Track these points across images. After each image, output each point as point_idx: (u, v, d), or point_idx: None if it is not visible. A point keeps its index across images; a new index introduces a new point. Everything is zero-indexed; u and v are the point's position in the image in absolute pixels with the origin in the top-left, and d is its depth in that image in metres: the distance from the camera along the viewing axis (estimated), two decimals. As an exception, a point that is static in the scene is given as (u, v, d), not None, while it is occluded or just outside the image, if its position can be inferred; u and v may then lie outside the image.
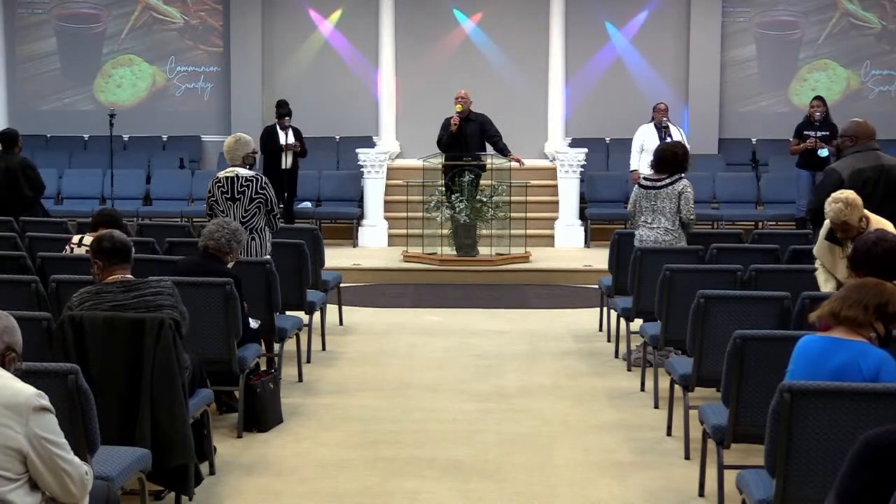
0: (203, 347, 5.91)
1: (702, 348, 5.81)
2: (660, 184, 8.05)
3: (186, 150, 16.14)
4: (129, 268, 5.16)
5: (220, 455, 5.70)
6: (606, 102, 16.10)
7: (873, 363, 3.99)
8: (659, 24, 16.21)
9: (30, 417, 3.26)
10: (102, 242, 5.12)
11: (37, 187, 10.41)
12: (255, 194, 7.52)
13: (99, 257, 5.10)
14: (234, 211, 7.47)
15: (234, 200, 7.52)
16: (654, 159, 8.24)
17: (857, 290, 4.07)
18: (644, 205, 8.08)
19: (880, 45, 16.33)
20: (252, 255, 7.39)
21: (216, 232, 6.40)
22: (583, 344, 8.76)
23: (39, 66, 16.65)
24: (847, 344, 4.02)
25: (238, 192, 7.51)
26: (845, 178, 6.82)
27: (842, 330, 4.05)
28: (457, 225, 12.04)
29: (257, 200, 7.52)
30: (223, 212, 7.48)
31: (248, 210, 7.50)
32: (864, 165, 6.86)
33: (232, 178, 7.56)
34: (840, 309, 4.03)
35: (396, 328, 9.33)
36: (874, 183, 6.82)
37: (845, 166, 6.93)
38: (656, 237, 8.03)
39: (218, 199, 7.57)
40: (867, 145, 6.98)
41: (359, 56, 16.32)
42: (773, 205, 14.21)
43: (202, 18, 16.54)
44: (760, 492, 4.07)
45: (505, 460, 5.80)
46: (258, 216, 7.53)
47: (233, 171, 7.61)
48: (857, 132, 7.04)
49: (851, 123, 7.23)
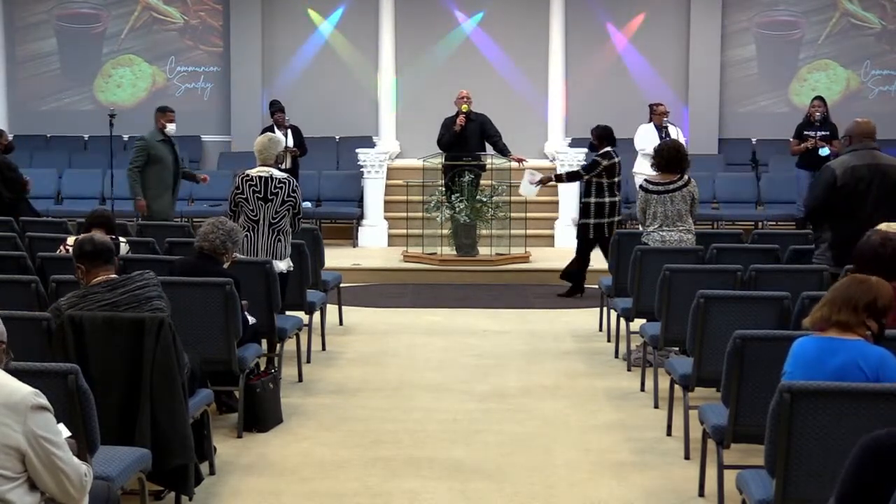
0: (203, 347, 5.91)
1: (702, 348, 5.81)
2: (672, 186, 7.98)
3: (186, 150, 16.07)
4: (113, 269, 5.15)
5: (220, 455, 5.70)
6: (606, 102, 16.09)
7: (874, 362, 3.99)
8: (659, 24, 16.21)
9: (28, 416, 3.26)
10: (84, 246, 5.11)
11: (15, 188, 10.28)
12: (288, 197, 7.51)
13: (82, 261, 5.09)
14: (264, 211, 7.46)
15: (266, 201, 7.49)
16: (662, 161, 8.05)
17: (844, 292, 4.06)
18: (657, 209, 7.96)
19: (880, 45, 16.33)
20: (277, 256, 7.40)
21: (210, 233, 6.36)
22: (583, 344, 8.76)
23: (39, 66, 16.65)
24: (844, 344, 4.02)
25: (271, 194, 7.49)
26: (839, 176, 6.82)
27: (836, 330, 4.05)
28: (457, 225, 12.04)
29: (289, 203, 7.51)
30: (252, 211, 7.46)
31: (279, 212, 7.49)
32: (859, 163, 6.85)
33: (266, 179, 7.52)
34: (830, 314, 4.04)
35: (396, 328, 9.33)
36: (868, 181, 6.81)
37: (840, 164, 6.92)
38: (681, 237, 7.94)
39: (248, 196, 7.50)
40: (864, 144, 6.97)
41: (359, 56, 16.32)
42: (773, 205, 14.22)
43: (202, 18, 16.54)
44: (760, 492, 4.07)
45: (505, 460, 5.80)
46: (287, 218, 7.53)
47: (267, 170, 7.57)
48: (854, 131, 7.04)
49: (851, 123, 7.23)
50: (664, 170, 8.06)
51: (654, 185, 8.05)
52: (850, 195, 6.79)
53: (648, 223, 8.03)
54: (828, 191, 6.84)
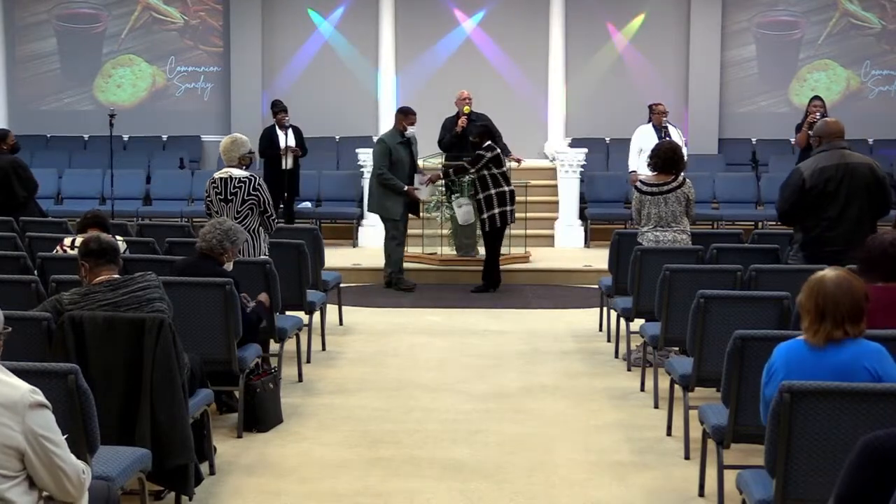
0: (203, 347, 5.91)
1: (702, 348, 5.81)
2: (667, 187, 7.98)
3: (186, 150, 16.16)
4: (117, 268, 5.16)
5: (220, 455, 5.70)
6: (606, 102, 16.11)
7: (874, 357, 4.00)
8: (659, 24, 16.22)
9: (26, 414, 3.25)
10: (89, 245, 5.12)
11: (29, 187, 10.31)
12: (248, 196, 7.50)
13: (87, 259, 5.10)
14: (226, 212, 7.45)
15: (226, 201, 7.51)
16: (658, 161, 8.04)
17: (832, 310, 4.00)
18: (651, 210, 7.95)
19: (880, 45, 16.34)
20: (245, 256, 7.37)
21: (208, 233, 6.38)
22: (583, 344, 8.76)
23: (39, 66, 16.66)
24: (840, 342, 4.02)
25: (231, 194, 7.50)
26: (806, 178, 6.87)
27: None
28: (457, 225, 12.04)
29: (250, 202, 7.50)
30: (217, 213, 7.48)
31: (241, 211, 7.48)
32: (827, 164, 6.89)
33: (226, 179, 7.56)
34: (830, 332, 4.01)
35: (396, 328, 9.33)
36: (838, 181, 6.86)
37: (808, 165, 6.98)
38: (675, 238, 7.94)
39: (213, 199, 7.58)
40: (833, 144, 7.00)
41: (359, 56, 16.33)
42: (772, 205, 14.11)
43: (202, 18, 16.55)
44: (760, 492, 4.07)
45: (505, 460, 5.80)
46: (251, 217, 7.51)
47: (227, 171, 7.61)
48: (824, 131, 7.08)
49: (820, 123, 7.28)
50: (660, 170, 8.04)
51: (649, 186, 8.05)
52: (820, 196, 6.87)
53: (643, 224, 8.04)
54: (797, 193, 6.93)
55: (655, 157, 8.11)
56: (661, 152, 8.14)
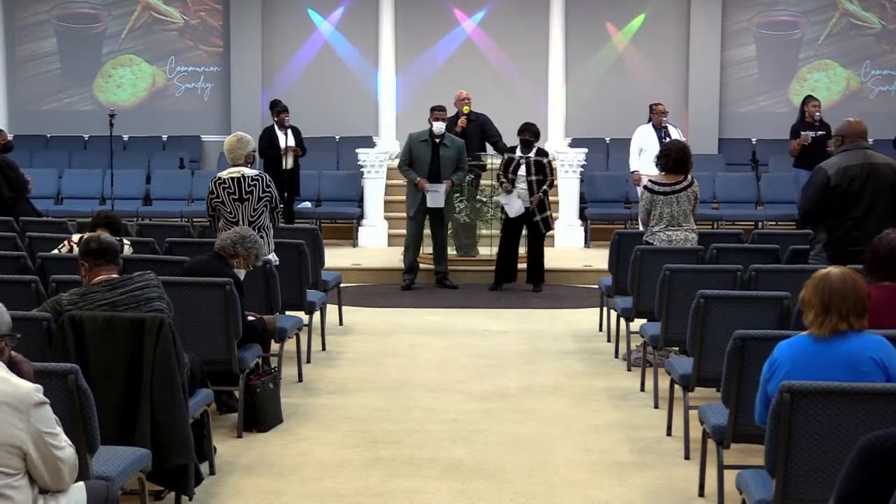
0: (203, 347, 5.91)
1: (702, 348, 5.81)
2: (679, 187, 7.98)
3: (186, 150, 16.15)
4: (117, 268, 5.16)
5: (220, 455, 5.70)
6: (606, 102, 16.11)
7: (879, 348, 4.02)
8: (659, 24, 16.22)
9: (31, 413, 3.27)
10: (90, 244, 5.14)
11: (17, 186, 10.26)
12: (263, 193, 7.52)
13: (87, 259, 5.11)
14: (241, 211, 7.45)
15: (241, 201, 7.49)
16: (668, 161, 8.01)
17: (837, 304, 4.02)
18: (664, 210, 7.94)
19: (880, 45, 16.33)
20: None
21: (227, 236, 6.51)
22: (583, 344, 8.76)
23: (39, 66, 16.66)
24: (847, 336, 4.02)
25: (246, 193, 7.49)
26: (831, 176, 6.83)
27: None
28: (457, 225, 12.03)
29: (265, 199, 7.52)
30: (230, 213, 7.45)
31: (257, 209, 7.49)
32: (852, 163, 6.86)
33: (238, 179, 7.52)
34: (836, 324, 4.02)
35: (396, 328, 9.33)
36: (863, 180, 6.82)
37: (832, 164, 6.93)
38: (686, 237, 7.96)
39: (224, 200, 7.51)
40: (856, 144, 6.97)
41: (359, 56, 16.33)
42: (772, 205, 14.20)
43: (202, 18, 16.55)
44: (760, 492, 4.07)
45: (505, 460, 5.80)
46: (265, 214, 7.54)
47: (237, 170, 7.58)
48: (847, 131, 7.04)
49: (843, 123, 7.24)
50: (670, 170, 8.03)
51: (661, 185, 8.03)
52: (844, 195, 6.81)
53: (654, 223, 8.02)
54: (821, 192, 6.86)
55: (666, 157, 8.09)
56: (672, 152, 8.11)
